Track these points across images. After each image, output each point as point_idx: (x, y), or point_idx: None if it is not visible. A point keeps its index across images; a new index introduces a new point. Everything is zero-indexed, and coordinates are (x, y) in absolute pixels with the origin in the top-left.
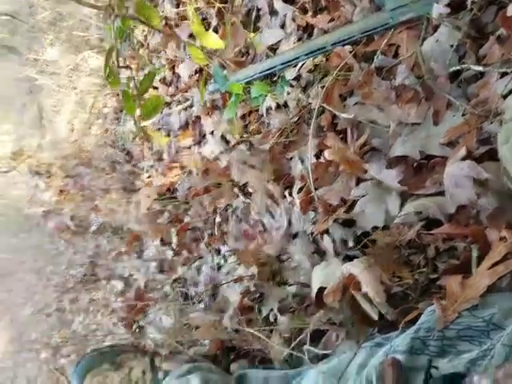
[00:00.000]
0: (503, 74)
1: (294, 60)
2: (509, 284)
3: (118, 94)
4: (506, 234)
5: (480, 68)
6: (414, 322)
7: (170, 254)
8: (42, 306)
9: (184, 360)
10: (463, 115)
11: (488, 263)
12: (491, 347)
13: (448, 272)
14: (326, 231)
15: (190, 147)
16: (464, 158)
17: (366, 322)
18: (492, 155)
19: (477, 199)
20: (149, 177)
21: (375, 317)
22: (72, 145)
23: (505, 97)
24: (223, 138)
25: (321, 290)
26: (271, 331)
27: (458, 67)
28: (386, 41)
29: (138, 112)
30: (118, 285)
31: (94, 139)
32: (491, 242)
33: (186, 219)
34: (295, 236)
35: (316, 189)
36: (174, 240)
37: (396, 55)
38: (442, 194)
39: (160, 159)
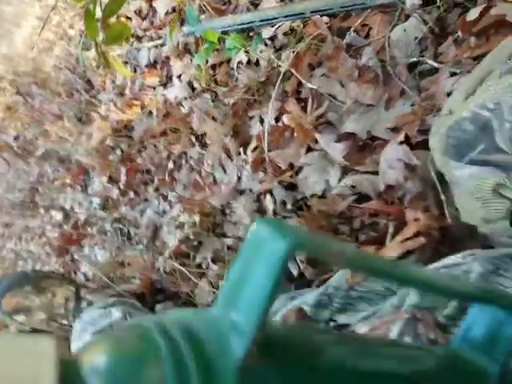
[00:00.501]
0: (453, 74)
1: (273, 19)
2: (416, 260)
3: None
4: (420, 215)
5: (435, 64)
6: (326, 281)
7: (115, 192)
8: None
9: (110, 294)
10: (412, 105)
11: (400, 238)
12: (382, 308)
13: (366, 242)
14: (270, 192)
15: (154, 87)
16: (401, 143)
17: (286, 278)
18: (426, 145)
19: (404, 182)
20: (106, 110)
21: (295, 273)
22: (29, 62)
23: (449, 95)
24: (190, 84)
25: None
26: (201, 276)
27: (417, 59)
28: (360, 20)
29: (100, 36)
30: (57, 216)
31: (53, 60)
32: (408, 221)
33: (139, 160)
34: (242, 193)
35: (269, 150)
36: (123, 179)
37: (367, 36)
38: (377, 173)
39: (121, 94)
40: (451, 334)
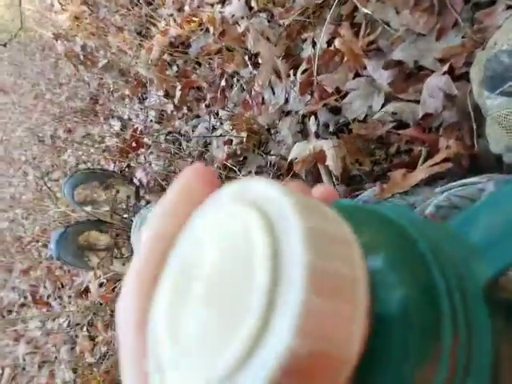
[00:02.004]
0: (509, 7)
1: None
2: (442, 185)
3: None
4: (451, 143)
5: None
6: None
7: (170, 107)
8: (36, 131)
9: None
10: (463, 37)
11: (429, 163)
12: None
13: (398, 166)
14: (314, 114)
15: (212, 5)
16: (444, 73)
17: None
18: (469, 78)
19: (442, 111)
20: (166, 25)
21: None
22: None
23: (499, 28)
24: (247, 2)
25: (293, 161)
26: None
27: None
28: None
29: None
30: (116, 125)
31: None
32: (440, 149)
33: (193, 77)
34: (287, 113)
35: (318, 74)
36: (178, 94)
37: None
38: (418, 102)
39: (180, 10)
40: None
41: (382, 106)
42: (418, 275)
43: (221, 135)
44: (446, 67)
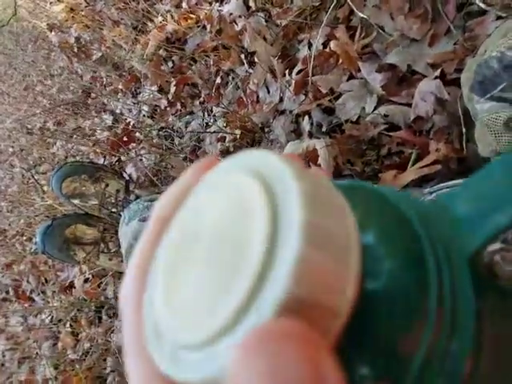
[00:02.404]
0: (499, 17)
1: None
2: (431, 186)
3: None
4: (441, 146)
5: (483, 5)
6: None
7: (164, 102)
8: (25, 123)
9: (155, 192)
10: (455, 44)
11: (419, 165)
12: None
13: (389, 167)
14: (308, 114)
15: (210, 2)
16: (436, 78)
17: None
18: (459, 84)
19: (433, 114)
20: (163, 21)
21: None
22: None
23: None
24: (245, 2)
25: None
26: None
27: (466, 1)
28: None
29: None
30: (108, 119)
31: None
32: (430, 151)
33: (188, 74)
34: (282, 113)
35: (313, 75)
36: (172, 90)
37: None
38: (410, 106)
39: (178, 6)
40: None
41: (375, 108)
42: (408, 247)
43: (214, 132)
44: (437, 72)
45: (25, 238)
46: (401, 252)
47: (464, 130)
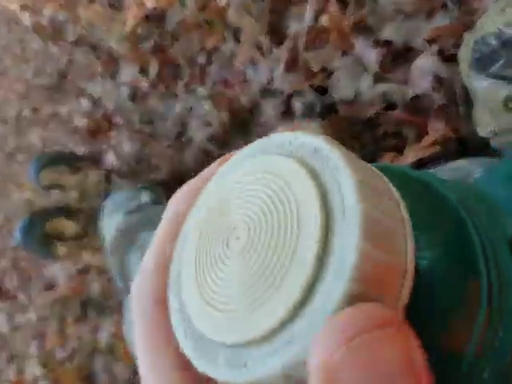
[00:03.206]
0: None
1: None
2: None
3: None
4: (440, 126)
5: None
6: None
7: (145, 85)
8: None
9: (138, 181)
10: (451, 19)
11: (418, 146)
12: None
13: (386, 149)
14: (300, 94)
15: None
16: (433, 54)
17: None
18: (457, 60)
19: (431, 93)
20: None
21: None
22: None
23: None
24: None
25: None
26: None
27: None
28: None
29: None
30: (86, 104)
31: None
32: (428, 131)
33: (170, 53)
34: (271, 93)
35: (304, 52)
36: (153, 71)
37: None
38: (407, 83)
39: None
40: None
41: (370, 86)
42: (453, 235)
43: (200, 115)
44: (434, 48)
45: (4, 232)
46: (445, 240)
47: (463, 109)
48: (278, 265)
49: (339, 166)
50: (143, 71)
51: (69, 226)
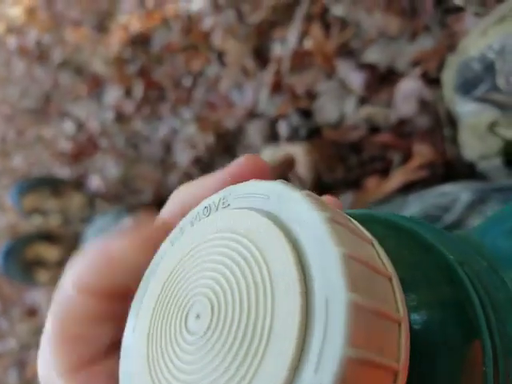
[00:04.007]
0: (477, 14)
1: None
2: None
3: None
4: (425, 150)
5: (459, 1)
6: None
7: (130, 107)
8: None
9: (122, 205)
10: (434, 42)
11: (403, 170)
12: None
13: (371, 173)
14: (285, 117)
15: (177, 0)
16: (417, 78)
17: None
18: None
19: (415, 116)
20: (127, 20)
21: None
22: None
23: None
24: None
25: None
26: None
27: None
28: None
29: None
30: (71, 126)
31: None
32: (413, 155)
33: (156, 76)
34: (256, 116)
35: (288, 75)
36: (138, 94)
37: None
38: (391, 106)
39: (143, 4)
40: None
41: (355, 110)
42: (448, 294)
43: (185, 138)
44: (418, 71)
45: None
46: (442, 301)
47: (448, 132)
48: (249, 355)
49: (324, 239)
50: (128, 94)
51: (51, 252)
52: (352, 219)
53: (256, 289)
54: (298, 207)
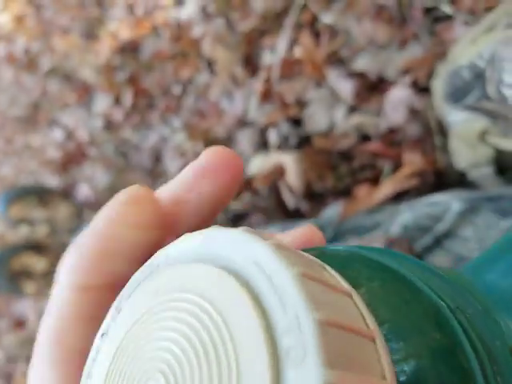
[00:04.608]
0: (466, 23)
1: None
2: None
3: None
4: (415, 159)
5: (449, 11)
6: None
7: (119, 115)
8: None
9: None
10: (423, 50)
11: (393, 179)
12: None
13: (362, 181)
14: (275, 125)
15: (166, 8)
16: (407, 86)
17: (283, 211)
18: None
19: (405, 125)
20: (115, 28)
21: (291, 205)
22: None
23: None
24: (204, 8)
25: (253, 176)
26: None
27: (433, 5)
28: None
29: None
30: (59, 135)
31: None
32: (403, 164)
33: (145, 83)
34: (246, 124)
35: (278, 83)
36: (128, 102)
37: None
38: (381, 115)
39: (132, 12)
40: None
41: (344, 118)
42: (438, 342)
43: (174, 146)
44: (407, 79)
45: None
46: (432, 350)
47: (438, 141)
48: None
49: (296, 301)
50: (117, 102)
51: (38, 262)
52: (327, 268)
53: (218, 362)
54: (263, 261)
